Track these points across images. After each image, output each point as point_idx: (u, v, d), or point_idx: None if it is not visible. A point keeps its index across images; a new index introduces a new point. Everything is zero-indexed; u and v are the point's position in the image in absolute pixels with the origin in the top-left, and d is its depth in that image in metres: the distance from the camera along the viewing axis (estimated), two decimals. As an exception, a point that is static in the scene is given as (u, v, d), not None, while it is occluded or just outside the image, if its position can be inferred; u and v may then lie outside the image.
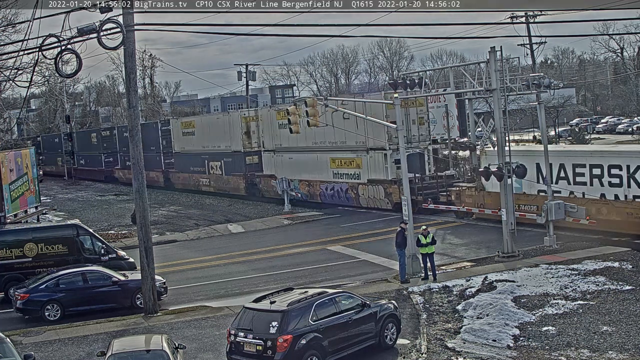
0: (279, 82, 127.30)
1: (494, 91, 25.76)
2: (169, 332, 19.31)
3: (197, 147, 57.34)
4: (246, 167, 50.78)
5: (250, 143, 50.68)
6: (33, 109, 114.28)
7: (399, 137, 25.93)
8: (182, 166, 60.76)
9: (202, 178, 56.84)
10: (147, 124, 71.83)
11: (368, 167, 39.67)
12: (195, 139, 57.61)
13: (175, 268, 29.58)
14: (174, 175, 61.98)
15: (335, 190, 42.41)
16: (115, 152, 74.51)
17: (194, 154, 57.95)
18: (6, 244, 25.72)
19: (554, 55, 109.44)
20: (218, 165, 54.60)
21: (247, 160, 50.82)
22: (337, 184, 42.34)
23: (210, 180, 56.02)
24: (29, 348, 18.74)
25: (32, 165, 40.39)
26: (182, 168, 60.92)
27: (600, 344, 16.79)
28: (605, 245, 26.12)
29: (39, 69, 34.01)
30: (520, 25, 55.92)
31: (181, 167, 61.02)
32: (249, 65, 70.18)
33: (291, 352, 15.32)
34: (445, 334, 18.51)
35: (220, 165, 54.24)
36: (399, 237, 23.77)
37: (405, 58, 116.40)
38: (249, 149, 50.79)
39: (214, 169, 55.27)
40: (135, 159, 22.45)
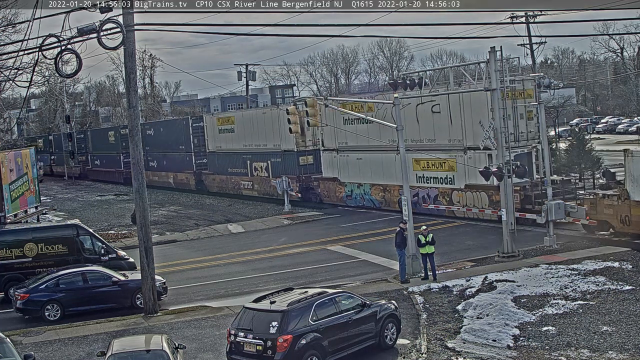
0: (279, 82, 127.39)
1: (494, 91, 25.75)
2: (169, 332, 19.32)
3: (237, 146, 51.65)
4: (299, 168, 45.22)
5: (305, 141, 44.98)
6: (33, 109, 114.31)
7: (398, 138, 25.92)
8: (218, 167, 54.97)
9: (244, 181, 51.10)
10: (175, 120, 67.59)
11: (466, 169, 33.14)
12: (234, 137, 51.61)
13: (175, 268, 29.59)
14: (208, 177, 56.47)
15: (420, 197, 35.77)
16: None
17: (233, 153, 52.41)
18: (6, 244, 25.71)
19: (554, 55, 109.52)
20: (264, 166, 48.83)
21: (301, 161, 45.26)
22: (423, 189, 35.76)
23: (253, 184, 50.60)
24: (29, 348, 18.74)
25: (32, 165, 40.40)
26: (218, 169, 55.10)
27: (600, 344, 16.79)
28: (605, 245, 26.11)
29: (39, 69, 34.05)
30: (520, 25, 55.88)
31: (217, 168, 55.28)
32: (249, 65, 70.13)
33: (291, 352, 15.32)
34: (445, 334, 18.51)
35: (267, 167, 48.45)
36: (399, 237, 23.80)
37: (405, 58, 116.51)
38: (302, 148, 45.14)
39: (259, 171, 49.51)
40: (135, 159, 22.46)
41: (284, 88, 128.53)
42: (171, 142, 60.91)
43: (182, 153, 59.44)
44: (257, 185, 50.03)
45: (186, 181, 59.60)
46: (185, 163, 59.35)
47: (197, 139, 57.52)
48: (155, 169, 65.14)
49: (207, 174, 56.69)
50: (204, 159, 57.29)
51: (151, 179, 65.00)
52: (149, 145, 63.91)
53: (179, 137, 59.36)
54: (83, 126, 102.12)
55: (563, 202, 27.14)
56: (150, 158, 65.05)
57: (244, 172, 51.32)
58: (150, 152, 64.33)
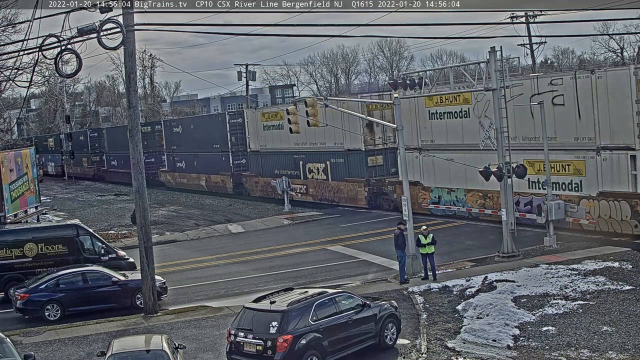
0: (279, 82, 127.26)
1: (494, 91, 25.74)
2: (169, 332, 19.32)
3: (286, 145, 46.05)
4: (368, 170, 40.01)
5: (374, 139, 39.90)
6: (33, 109, 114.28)
7: (398, 138, 25.88)
8: (262, 169, 49.63)
9: (295, 184, 45.16)
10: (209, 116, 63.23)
11: (599, 173, 27.80)
12: (283, 135, 45.08)
13: (175, 268, 29.59)
14: (249, 179, 51.17)
15: (534, 207, 29.77)
16: (158, 152, 65.40)
17: (281, 153, 47.10)
18: (6, 244, 25.72)
19: (554, 55, 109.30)
20: (321, 167, 43.40)
21: (369, 162, 39.86)
22: (539, 197, 29.54)
23: (307, 187, 45.00)
24: (29, 348, 18.74)
25: (32, 165, 40.42)
26: (261, 171, 49.77)
27: (600, 344, 16.78)
28: (605, 245, 26.11)
29: (39, 69, 34.01)
30: (520, 25, 55.92)
31: (260, 169, 49.93)
32: (249, 65, 70.13)
33: (291, 352, 15.32)
34: (445, 334, 18.51)
35: (325, 168, 43.10)
36: (400, 239, 23.68)
37: (405, 58, 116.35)
38: (371, 147, 39.96)
39: (315, 173, 44.04)
40: (135, 159, 22.46)
41: (284, 88, 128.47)
42: (204, 140, 55.62)
43: (216, 153, 54.01)
44: (312, 190, 44.62)
45: (222, 184, 54.53)
46: (221, 164, 53.97)
47: (235, 136, 51.80)
48: (184, 170, 60.72)
49: (249, 176, 51.41)
50: (242, 159, 52.19)
51: (179, 181, 61.67)
52: (177, 144, 60.53)
53: (213, 134, 53.86)
54: (83, 126, 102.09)
55: (563, 202, 27.13)
56: (178, 158, 60.98)
57: (294, 175, 45.67)
58: (179, 151, 60.31)
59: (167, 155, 63.30)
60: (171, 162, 62.61)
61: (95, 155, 79.80)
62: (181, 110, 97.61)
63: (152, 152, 65.19)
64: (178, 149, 60.12)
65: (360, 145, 40.02)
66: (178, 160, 60.85)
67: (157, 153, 65.13)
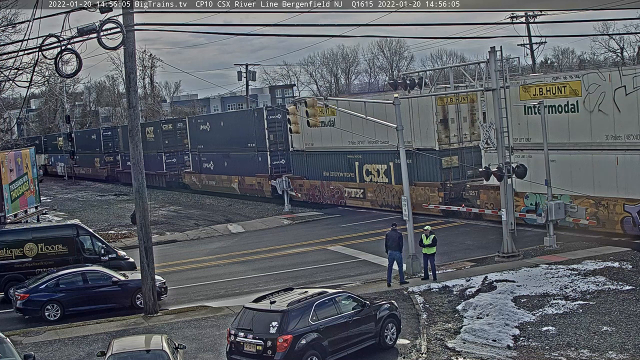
0: (279, 82, 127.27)
1: (494, 91, 25.75)
2: (169, 332, 19.32)
3: (338, 143, 41.67)
4: (442, 172, 35.25)
5: (448, 137, 35.50)
6: (33, 109, 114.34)
7: (398, 138, 25.92)
8: (307, 170, 44.85)
9: (349, 187, 41.34)
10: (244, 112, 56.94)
11: None
12: (335, 132, 40.83)
13: (175, 268, 29.59)
14: (292, 182, 45.70)
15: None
16: (182, 151, 61.17)
17: (332, 153, 42.37)
18: (6, 244, 25.72)
19: (554, 55, 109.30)
20: (382, 169, 38.96)
21: (444, 163, 35.02)
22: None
23: (365, 191, 40.41)
24: (29, 348, 18.75)
25: (32, 165, 40.43)
26: (306, 173, 44.95)
27: (600, 344, 16.79)
28: (605, 245, 26.11)
29: (39, 69, 34.01)
30: (520, 25, 55.96)
31: (305, 171, 45.17)
32: (249, 65, 70.13)
33: (291, 352, 15.32)
34: (445, 334, 18.51)
35: (387, 170, 38.55)
36: (401, 240, 23.51)
37: (405, 58, 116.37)
38: (446, 146, 35.40)
39: (374, 175, 39.44)
40: (135, 159, 22.46)
41: (284, 88, 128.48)
42: (236, 138, 50.69)
43: (251, 152, 49.24)
44: (370, 194, 39.94)
45: (258, 187, 49.53)
46: (257, 165, 49.02)
47: (273, 134, 46.90)
48: (212, 171, 55.67)
49: (292, 178, 45.99)
50: (281, 160, 47.41)
51: (206, 184, 56.45)
52: (204, 143, 55.89)
53: (248, 132, 48.93)
54: (83, 126, 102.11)
55: (563, 202, 27.13)
56: (205, 158, 56.03)
57: (349, 177, 41.33)
58: (206, 151, 55.56)
59: (192, 155, 58.48)
60: (197, 162, 57.66)
61: (109, 155, 75.62)
62: (181, 110, 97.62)
63: (173, 152, 61.68)
64: (205, 148, 55.53)
65: (434, 143, 35.21)
66: (205, 161, 56.08)
67: (179, 153, 61.27)
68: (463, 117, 35.52)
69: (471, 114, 35.81)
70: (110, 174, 74.84)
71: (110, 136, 75.82)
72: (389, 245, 23.50)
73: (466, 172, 35.27)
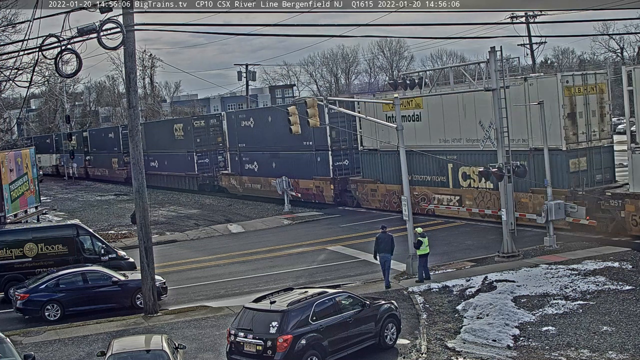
0: (279, 82, 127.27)
1: (494, 91, 25.74)
2: (169, 332, 19.32)
3: (425, 141, 34.92)
4: (569, 177, 29.07)
5: (576, 134, 29.24)
6: (33, 109, 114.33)
7: (398, 137, 25.92)
8: (382, 172, 38.71)
9: (440, 194, 35.16)
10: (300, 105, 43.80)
11: None
12: (421, 128, 35.43)
13: (175, 268, 29.59)
14: (363, 186, 40.27)
15: None
16: (214, 151, 56.48)
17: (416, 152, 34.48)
18: (6, 244, 25.73)
19: (554, 55, 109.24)
20: None
21: (571, 166, 29.13)
22: None
23: (462, 199, 33.99)
24: (29, 348, 18.75)
25: (32, 165, 40.41)
26: (381, 175, 38.87)
27: (600, 344, 16.79)
28: (605, 245, 26.11)
29: (39, 69, 33.98)
30: (520, 25, 55.91)
31: (379, 173, 39.02)
32: (249, 65, 70.13)
33: (291, 352, 15.32)
34: (445, 334, 18.51)
35: None
36: (392, 242, 23.31)
37: (405, 58, 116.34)
38: (573, 145, 29.21)
39: (474, 180, 32.78)
40: (135, 159, 22.46)
41: (284, 88, 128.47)
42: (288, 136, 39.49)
43: (307, 151, 43.54)
44: (469, 202, 33.70)
45: (317, 191, 43.43)
46: (314, 166, 43.26)
47: (335, 131, 40.68)
48: (256, 173, 49.32)
49: (361, 182, 40.30)
50: (345, 160, 41.52)
51: (249, 187, 50.66)
52: (246, 142, 50.07)
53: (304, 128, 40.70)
54: (83, 126, 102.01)
55: (563, 202, 27.12)
56: (248, 159, 50.23)
57: (439, 182, 35.18)
58: (249, 150, 49.85)
59: (231, 155, 52.45)
60: (237, 163, 51.46)
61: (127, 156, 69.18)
62: (181, 110, 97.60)
63: (205, 152, 56.39)
64: (248, 147, 49.64)
65: (560, 142, 28.91)
66: (248, 161, 50.08)
67: (212, 152, 56.25)
68: (592, 111, 29.48)
69: (600, 106, 30.02)
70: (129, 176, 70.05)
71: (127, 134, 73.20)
72: (380, 247, 23.26)
73: (594, 177, 29.43)
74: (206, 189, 56.21)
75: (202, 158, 56.53)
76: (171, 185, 60.88)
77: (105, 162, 74.11)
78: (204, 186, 56.81)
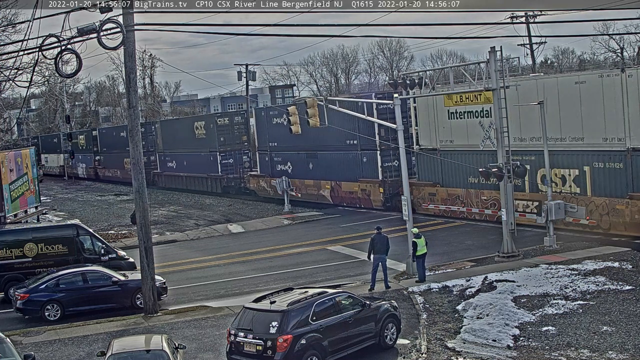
0: (279, 82, 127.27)
1: (494, 91, 25.74)
2: (169, 332, 19.32)
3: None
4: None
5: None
6: (33, 109, 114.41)
7: (398, 137, 25.94)
8: (443, 174, 35.23)
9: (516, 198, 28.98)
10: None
11: None
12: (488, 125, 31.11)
13: (175, 268, 29.59)
14: (417, 189, 36.14)
15: None
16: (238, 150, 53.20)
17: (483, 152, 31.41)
18: (6, 244, 25.73)
19: (554, 55, 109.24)
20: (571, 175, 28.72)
21: None
22: None
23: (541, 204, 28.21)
24: (29, 348, 18.75)
25: (32, 165, 40.42)
26: (441, 178, 35.35)
27: (600, 344, 16.79)
28: (605, 245, 26.10)
29: (39, 69, 33.98)
30: (520, 25, 55.91)
31: (438, 175, 35.55)
32: (249, 65, 70.09)
33: (291, 352, 15.32)
34: (445, 334, 18.51)
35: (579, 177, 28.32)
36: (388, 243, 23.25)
37: (405, 58, 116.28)
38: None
39: (556, 183, 29.11)
40: (136, 159, 22.46)
41: (284, 88, 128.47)
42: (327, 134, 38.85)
43: (352, 151, 40.24)
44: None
45: (362, 195, 39.97)
46: (359, 167, 39.86)
47: (384, 128, 35.52)
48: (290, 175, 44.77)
49: (417, 185, 36.32)
50: (394, 161, 37.43)
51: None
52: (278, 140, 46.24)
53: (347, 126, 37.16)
54: (83, 126, 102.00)
55: (563, 202, 27.12)
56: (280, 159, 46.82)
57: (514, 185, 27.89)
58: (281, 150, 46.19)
59: (260, 155, 49.05)
60: (267, 163, 47.77)
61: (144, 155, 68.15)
62: (181, 110, 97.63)
63: (230, 151, 53.18)
64: (280, 146, 46.00)
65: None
66: (280, 162, 46.58)
67: (236, 152, 53.27)
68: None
69: None
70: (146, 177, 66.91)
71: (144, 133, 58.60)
72: (376, 249, 23.14)
73: None
74: (231, 192, 53.00)
75: (226, 158, 52.97)
76: (191, 187, 57.32)
77: (118, 163, 70.06)
78: (229, 188, 53.36)
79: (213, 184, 54.28)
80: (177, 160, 59.45)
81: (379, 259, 23.11)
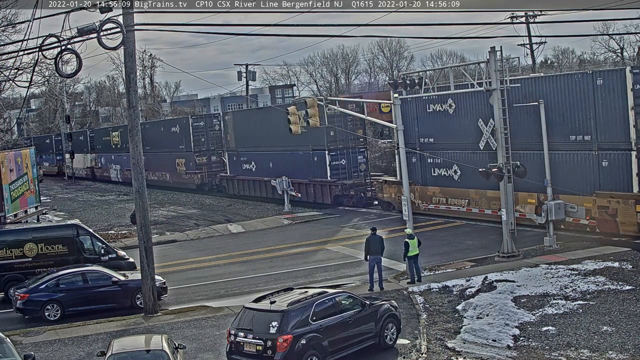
0: (279, 82, 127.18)
1: (494, 91, 25.74)
2: (169, 332, 19.32)
3: None
4: None
5: None
6: (33, 109, 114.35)
7: (398, 137, 25.92)
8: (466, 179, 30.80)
9: None
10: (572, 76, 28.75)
11: None
12: None
13: (175, 268, 29.59)
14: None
15: None
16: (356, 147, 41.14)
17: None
18: (6, 244, 25.71)
19: (554, 55, 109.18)
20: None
21: None
22: None
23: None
24: (29, 348, 18.74)
25: (32, 165, 40.41)
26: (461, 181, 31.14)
27: (600, 344, 16.78)
28: (605, 245, 26.10)
29: (39, 69, 33.94)
30: (520, 25, 55.86)
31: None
32: (249, 65, 70.07)
33: (291, 352, 15.32)
34: (445, 334, 18.51)
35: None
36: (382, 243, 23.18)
37: (405, 58, 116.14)
38: None
39: None
40: (135, 159, 22.46)
41: (284, 88, 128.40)
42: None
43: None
44: None
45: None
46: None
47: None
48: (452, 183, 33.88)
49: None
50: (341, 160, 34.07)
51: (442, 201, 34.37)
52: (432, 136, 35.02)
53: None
54: (83, 126, 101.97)
55: (563, 202, 27.09)
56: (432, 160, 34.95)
57: None
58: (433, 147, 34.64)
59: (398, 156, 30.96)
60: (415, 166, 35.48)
61: (201, 155, 54.78)
62: (181, 110, 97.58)
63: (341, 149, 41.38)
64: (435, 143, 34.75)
65: None
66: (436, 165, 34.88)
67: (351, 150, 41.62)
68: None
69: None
70: (206, 181, 55.04)
71: (202, 127, 54.15)
72: (371, 250, 23.04)
73: None
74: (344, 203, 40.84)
75: (336, 159, 40.77)
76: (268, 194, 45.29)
77: (166, 164, 58.98)
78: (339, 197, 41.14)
79: (321, 192, 41.48)
80: (257, 161, 47.63)
81: (374, 259, 23.05)
